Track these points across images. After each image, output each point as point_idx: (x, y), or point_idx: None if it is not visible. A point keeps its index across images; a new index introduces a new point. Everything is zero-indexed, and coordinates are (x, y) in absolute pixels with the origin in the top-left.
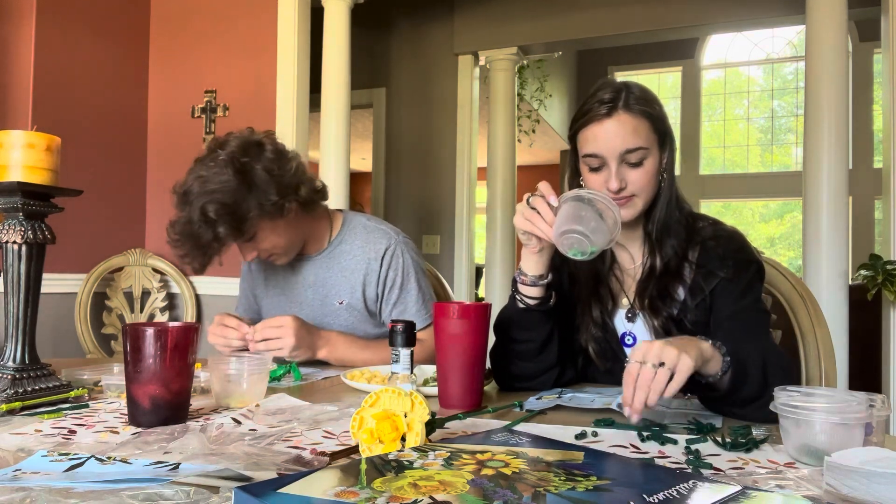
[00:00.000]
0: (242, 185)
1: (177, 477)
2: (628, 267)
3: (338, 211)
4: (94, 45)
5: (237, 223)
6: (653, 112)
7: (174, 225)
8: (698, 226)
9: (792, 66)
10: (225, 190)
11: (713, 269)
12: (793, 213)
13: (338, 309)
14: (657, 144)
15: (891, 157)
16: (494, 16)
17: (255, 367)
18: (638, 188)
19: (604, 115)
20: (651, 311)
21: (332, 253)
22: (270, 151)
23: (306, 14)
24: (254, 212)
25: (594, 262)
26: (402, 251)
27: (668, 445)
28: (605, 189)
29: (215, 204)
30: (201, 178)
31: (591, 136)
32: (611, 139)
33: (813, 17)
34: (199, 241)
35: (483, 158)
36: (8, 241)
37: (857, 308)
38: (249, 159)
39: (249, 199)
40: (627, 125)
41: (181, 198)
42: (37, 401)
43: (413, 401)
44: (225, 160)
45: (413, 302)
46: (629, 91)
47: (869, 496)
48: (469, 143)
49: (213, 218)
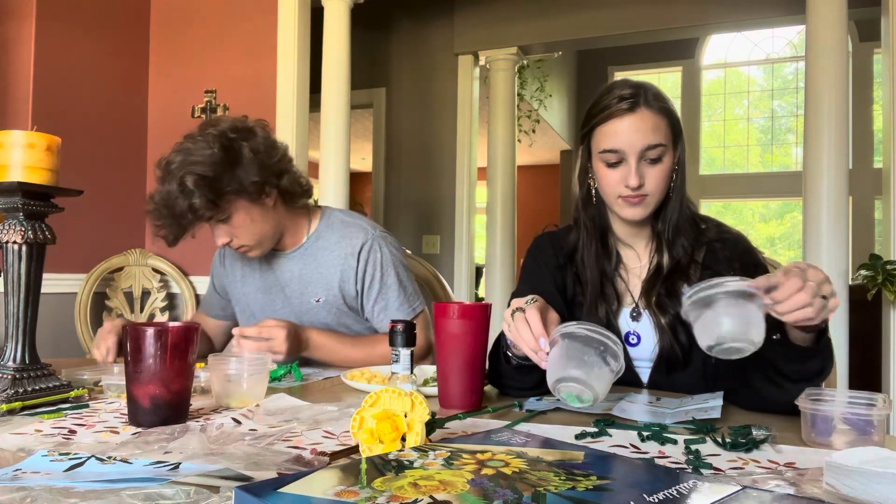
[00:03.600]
0: (225, 159)
1: (177, 477)
2: (633, 266)
3: (316, 207)
4: (94, 45)
5: (214, 196)
6: (671, 110)
7: (153, 196)
8: (702, 227)
9: (792, 66)
10: (206, 162)
11: (720, 270)
12: (793, 213)
13: (315, 307)
14: (672, 143)
15: (891, 157)
16: (494, 16)
17: (255, 367)
18: (654, 186)
19: (626, 111)
20: (659, 308)
21: (308, 249)
22: (261, 137)
23: (306, 14)
24: (232, 186)
25: (601, 262)
26: (379, 246)
27: (668, 445)
28: (622, 185)
29: (194, 175)
30: (186, 150)
31: (610, 132)
32: (633, 134)
33: (813, 17)
34: (174, 210)
35: (483, 158)
36: (8, 241)
37: (857, 308)
38: (237, 136)
39: (230, 174)
40: (649, 121)
41: (163, 169)
42: (37, 401)
43: (413, 401)
44: (213, 135)
45: (395, 297)
46: (647, 89)
47: (869, 496)
48: (469, 143)
49: (190, 188)
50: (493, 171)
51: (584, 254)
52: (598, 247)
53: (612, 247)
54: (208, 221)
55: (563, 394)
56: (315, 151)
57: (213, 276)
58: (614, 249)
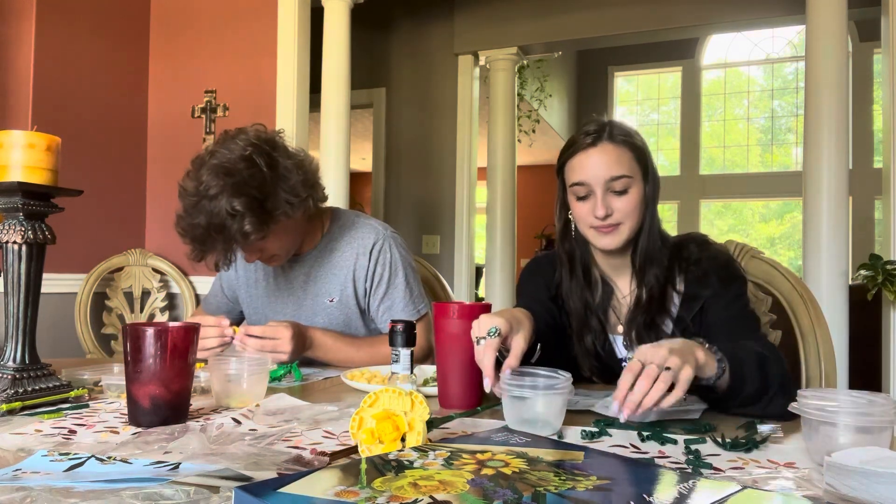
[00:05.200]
0: (272, 178)
1: (177, 477)
2: (620, 297)
3: (327, 208)
4: (94, 45)
5: (265, 217)
6: (635, 143)
7: (184, 218)
8: (685, 253)
9: (792, 66)
10: (253, 183)
11: (696, 291)
12: (793, 213)
13: (329, 307)
14: (640, 175)
15: (891, 157)
16: (494, 16)
17: (255, 367)
18: (623, 215)
19: (588, 145)
20: (638, 342)
21: (322, 251)
22: (284, 149)
23: (306, 14)
24: (281, 208)
25: (584, 294)
26: (389, 246)
27: (667, 445)
28: (592, 216)
29: (244, 197)
30: (225, 170)
31: (577, 166)
32: (595, 167)
33: (813, 17)
34: (225, 235)
35: (483, 158)
36: (8, 241)
37: (857, 308)
38: (275, 153)
39: (278, 193)
40: (611, 154)
41: (200, 191)
42: (37, 401)
43: (413, 401)
44: (253, 151)
45: (400, 297)
46: (612, 125)
47: (869, 496)
48: (469, 143)
49: (241, 211)
50: (493, 171)
51: (566, 286)
52: (579, 279)
53: (596, 279)
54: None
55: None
56: (315, 151)
57: (222, 279)
58: (598, 281)
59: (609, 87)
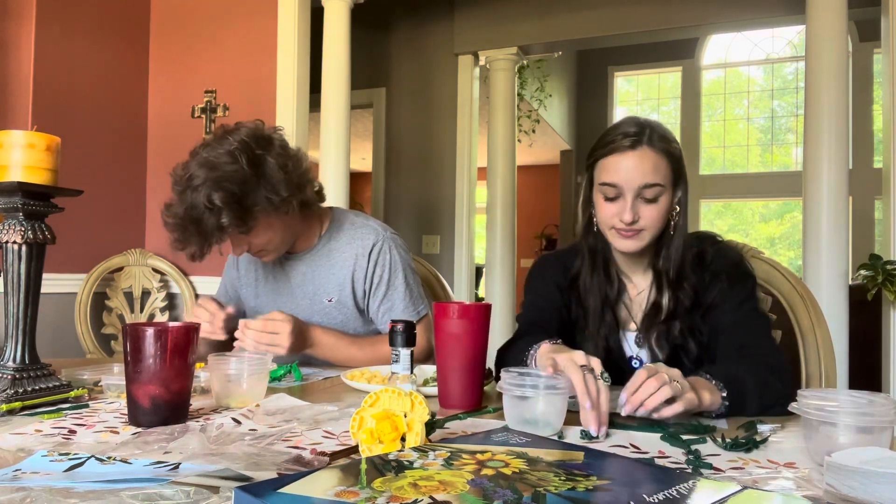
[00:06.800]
0: (253, 176)
1: (177, 477)
2: (633, 294)
3: (327, 208)
4: (94, 44)
5: (243, 213)
6: (673, 152)
7: (172, 208)
8: (701, 254)
9: (792, 66)
10: (235, 179)
11: (707, 289)
12: (793, 213)
13: (327, 307)
14: (672, 183)
15: (891, 157)
16: (494, 16)
17: (255, 367)
18: (648, 223)
19: (627, 148)
20: (658, 346)
21: (320, 251)
22: (282, 148)
23: (306, 14)
24: (261, 204)
25: (603, 289)
26: (389, 247)
27: (667, 445)
28: (617, 219)
29: (222, 192)
30: (209, 163)
31: (611, 166)
32: (631, 171)
33: (813, 17)
34: (201, 227)
35: (483, 158)
36: (8, 241)
37: (857, 308)
38: (263, 151)
39: (258, 191)
40: (649, 161)
41: (185, 182)
42: (37, 401)
43: (413, 401)
44: (238, 148)
45: (400, 299)
46: (652, 129)
47: (869, 496)
48: (469, 143)
49: (218, 205)
50: (493, 171)
51: (587, 280)
52: (601, 274)
53: (614, 275)
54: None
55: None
56: (315, 151)
57: (226, 279)
58: (616, 278)
59: (609, 87)
